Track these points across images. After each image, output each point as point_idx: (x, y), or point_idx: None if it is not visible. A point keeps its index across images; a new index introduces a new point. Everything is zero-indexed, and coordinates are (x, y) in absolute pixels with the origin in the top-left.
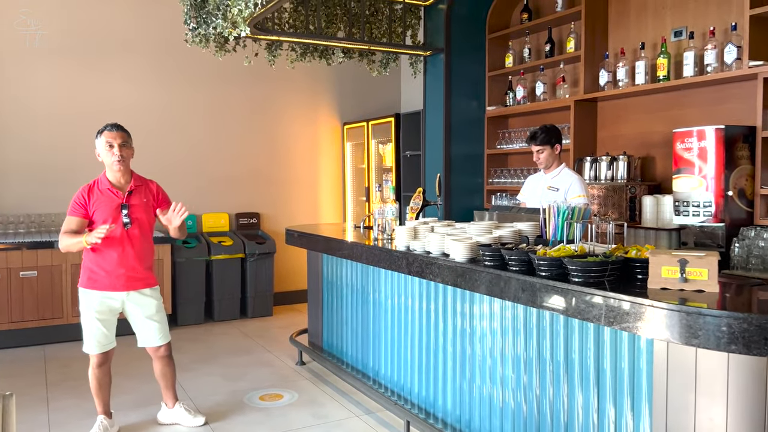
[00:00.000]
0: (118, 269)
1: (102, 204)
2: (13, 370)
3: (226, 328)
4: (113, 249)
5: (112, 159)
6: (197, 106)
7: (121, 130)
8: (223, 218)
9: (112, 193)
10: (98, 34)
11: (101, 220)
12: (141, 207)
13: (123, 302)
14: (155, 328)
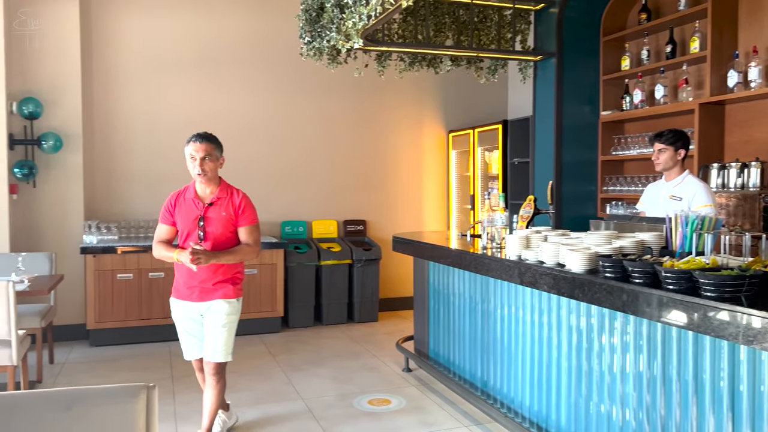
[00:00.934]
0: (191, 281)
1: (183, 214)
2: (143, 364)
3: (334, 332)
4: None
5: (193, 172)
6: (309, 117)
7: (207, 141)
8: (331, 225)
9: (193, 204)
10: (219, 49)
11: (181, 230)
12: (219, 221)
13: (200, 312)
14: (214, 342)
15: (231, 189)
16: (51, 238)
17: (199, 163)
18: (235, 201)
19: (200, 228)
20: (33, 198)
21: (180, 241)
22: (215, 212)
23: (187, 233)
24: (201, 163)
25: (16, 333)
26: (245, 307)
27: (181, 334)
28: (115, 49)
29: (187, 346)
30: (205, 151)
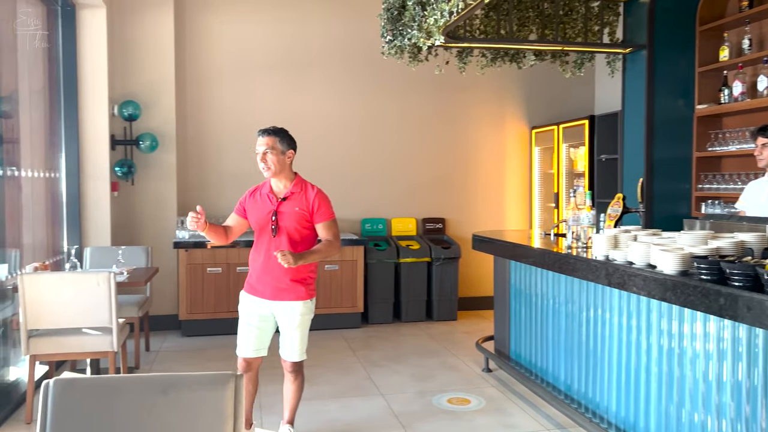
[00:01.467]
0: (264, 276)
1: (257, 208)
2: (230, 354)
3: (413, 330)
4: (261, 255)
5: (259, 166)
6: (389, 115)
7: (269, 135)
8: (410, 223)
9: (268, 199)
10: (303, 51)
11: (254, 224)
12: (292, 216)
13: (271, 309)
14: (289, 342)
15: (305, 184)
16: (148, 233)
17: (261, 157)
18: (309, 196)
19: (273, 222)
20: (132, 195)
21: (255, 235)
22: (288, 207)
23: (261, 227)
24: (263, 157)
25: (116, 321)
26: (327, 302)
27: (242, 329)
28: (206, 53)
29: (245, 341)
30: (267, 145)
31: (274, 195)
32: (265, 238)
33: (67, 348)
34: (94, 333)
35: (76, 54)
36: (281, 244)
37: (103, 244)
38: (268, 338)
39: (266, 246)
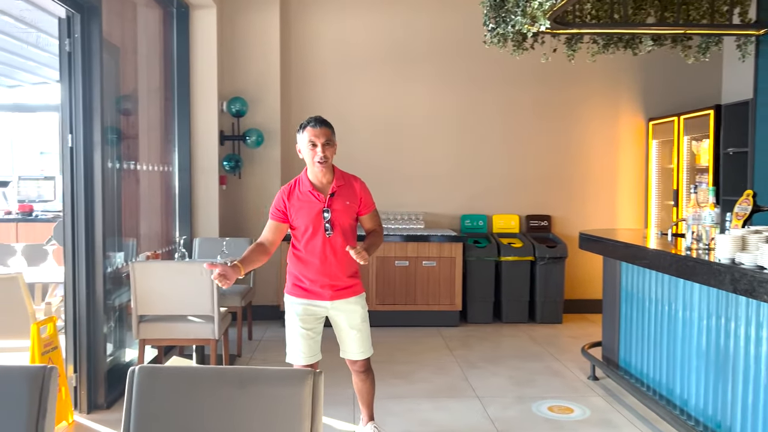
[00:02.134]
0: (322, 278)
1: (303, 209)
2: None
3: (514, 331)
4: (315, 257)
5: (314, 159)
6: (493, 107)
7: (326, 126)
8: (513, 219)
9: (313, 196)
10: (405, 45)
11: (303, 226)
12: (344, 212)
13: (327, 310)
14: (356, 340)
15: (346, 175)
16: (252, 225)
17: (321, 149)
18: (356, 188)
19: (326, 221)
20: (238, 188)
21: (304, 238)
22: (338, 203)
23: (313, 228)
24: (323, 149)
25: (218, 310)
26: (425, 299)
27: (297, 335)
28: (311, 49)
29: (304, 348)
30: (326, 137)
31: (319, 192)
32: (318, 238)
33: (173, 334)
34: (198, 320)
35: (189, 53)
36: (336, 242)
37: (211, 235)
38: (320, 342)
39: (321, 247)
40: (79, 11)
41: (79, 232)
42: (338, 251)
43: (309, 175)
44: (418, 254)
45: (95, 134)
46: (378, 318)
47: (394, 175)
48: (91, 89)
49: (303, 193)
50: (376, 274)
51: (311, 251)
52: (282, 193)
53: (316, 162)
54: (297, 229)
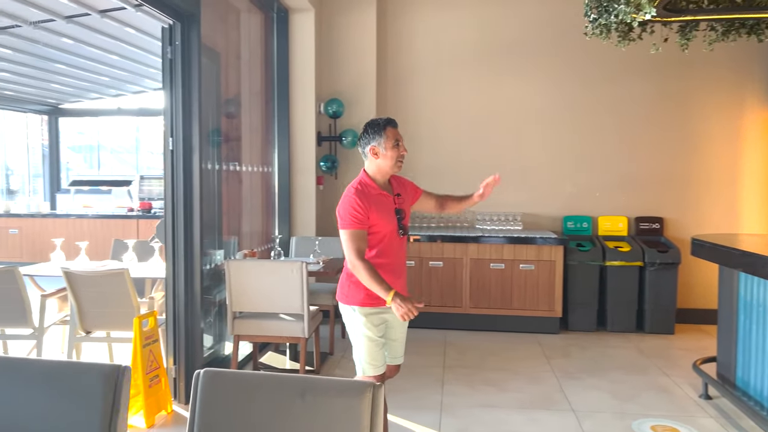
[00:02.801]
0: (397, 281)
1: (381, 211)
2: (419, 349)
3: (619, 341)
4: (390, 258)
5: (397, 157)
6: (598, 102)
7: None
8: (620, 222)
9: (384, 197)
10: (504, 40)
11: (381, 228)
12: (408, 210)
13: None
14: (403, 344)
15: (399, 177)
16: None
17: (402, 149)
18: (405, 183)
19: (400, 221)
20: (334, 188)
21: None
22: (403, 201)
23: (389, 230)
24: (403, 148)
25: (308, 308)
26: (522, 304)
27: (375, 345)
28: (407, 49)
29: (380, 357)
30: (401, 137)
31: (386, 192)
32: (393, 240)
33: (265, 331)
34: (289, 319)
35: (288, 56)
36: (403, 243)
37: (308, 234)
38: None
39: (395, 249)
40: (179, 20)
41: (178, 231)
42: (404, 251)
43: (376, 177)
44: (515, 257)
45: (194, 137)
46: (471, 322)
47: (490, 174)
48: (190, 94)
49: (374, 195)
50: (470, 276)
51: (387, 253)
52: (357, 199)
53: (398, 161)
54: (374, 233)
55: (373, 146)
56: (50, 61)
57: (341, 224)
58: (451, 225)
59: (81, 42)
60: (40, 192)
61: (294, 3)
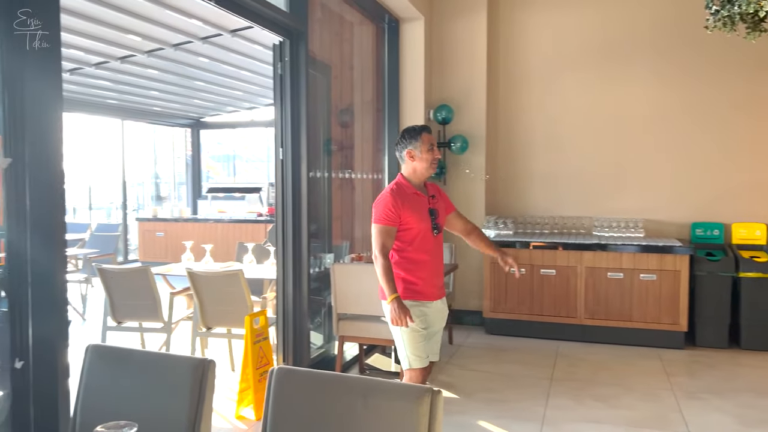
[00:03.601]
0: (432, 277)
1: (415, 210)
2: (528, 359)
3: (755, 360)
4: (427, 255)
5: (432, 160)
6: (728, 101)
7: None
8: (758, 229)
9: (419, 198)
10: (624, 40)
11: (415, 226)
12: (443, 211)
13: (431, 310)
14: (439, 341)
15: (433, 183)
16: None
17: (437, 151)
18: (442, 190)
19: (434, 220)
20: None
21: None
22: (438, 203)
23: (424, 228)
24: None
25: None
26: (642, 315)
27: (419, 336)
28: (519, 52)
29: (424, 350)
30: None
31: (422, 194)
32: (428, 239)
33: (368, 333)
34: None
35: (399, 65)
36: (440, 242)
37: None
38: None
39: (431, 246)
40: (288, 37)
41: (287, 235)
42: (440, 249)
43: (411, 178)
44: (634, 266)
45: (302, 147)
46: (585, 333)
47: (609, 180)
48: (299, 107)
49: (409, 195)
50: (586, 285)
51: (423, 251)
52: (393, 200)
53: (432, 164)
54: (408, 230)
55: (409, 150)
56: (191, 78)
57: (374, 218)
58: (566, 231)
59: (216, 60)
60: (184, 198)
61: (404, 13)
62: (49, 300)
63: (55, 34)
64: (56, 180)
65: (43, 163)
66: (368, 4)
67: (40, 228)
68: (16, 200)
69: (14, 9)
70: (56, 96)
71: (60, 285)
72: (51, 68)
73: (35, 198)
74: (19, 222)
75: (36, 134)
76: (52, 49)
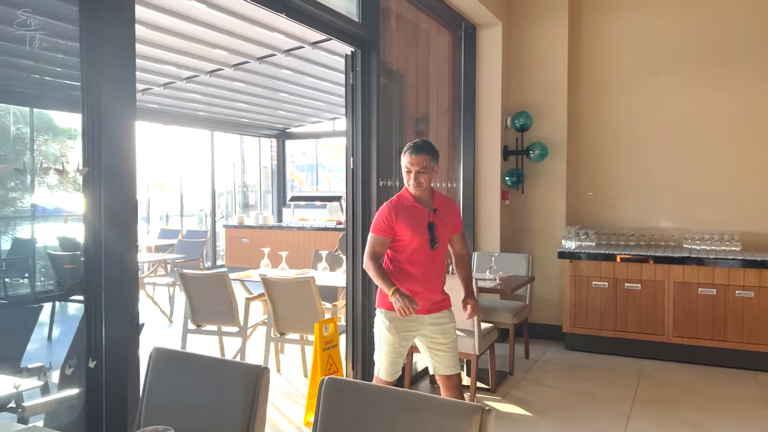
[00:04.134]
0: (425, 291)
1: (410, 221)
2: (609, 377)
3: None
4: (420, 268)
5: (407, 183)
6: None
7: (424, 153)
8: None
9: (418, 209)
10: (722, 43)
11: (409, 237)
12: (445, 226)
13: (423, 325)
14: (451, 352)
15: (441, 195)
16: (534, 241)
17: (414, 177)
18: (452, 207)
19: (432, 233)
20: (520, 203)
21: (409, 249)
22: (440, 218)
23: (419, 241)
24: (416, 176)
25: (478, 325)
26: (737, 335)
27: (395, 351)
28: (602, 55)
29: (395, 364)
30: (420, 165)
31: (423, 206)
32: (421, 252)
33: None
34: (461, 334)
35: (475, 71)
36: (437, 256)
37: (492, 250)
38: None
39: (425, 259)
40: (360, 47)
41: (357, 243)
42: (438, 263)
43: (409, 193)
44: (729, 282)
45: (372, 157)
46: (673, 352)
47: (700, 189)
48: (369, 117)
49: (408, 207)
50: (674, 301)
51: (415, 263)
52: (389, 211)
53: (410, 183)
54: (401, 240)
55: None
56: (275, 90)
57: (371, 227)
58: (653, 244)
59: (299, 72)
60: (270, 206)
61: (482, 19)
62: (121, 304)
63: (129, 50)
64: (129, 189)
65: (116, 171)
66: (444, 12)
67: (114, 235)
68: (91, 207)
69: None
70: (130, 108)
71: (131, 289)
72: (126, 83)
73: (109, 205)
74: (95, 229)
75: (111, 144)
76: (126, 67)
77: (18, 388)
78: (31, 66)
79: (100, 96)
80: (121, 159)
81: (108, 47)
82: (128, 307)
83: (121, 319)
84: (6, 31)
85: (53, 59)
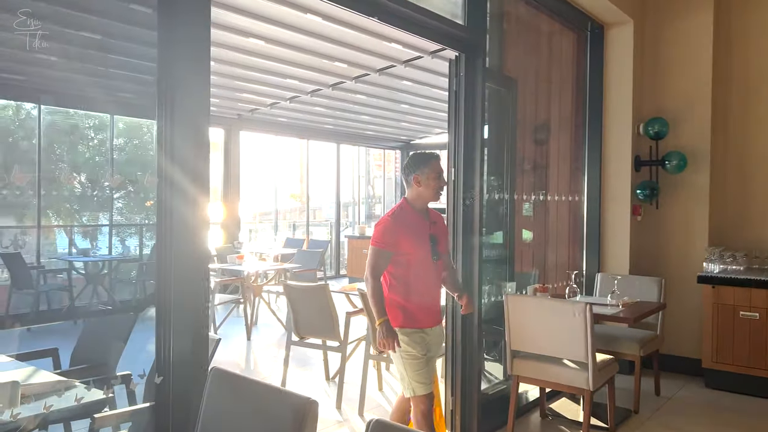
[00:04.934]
0: (430, 304)
1: (413, 235)
2: (756, 424)
3: None
4: (425, 281)
5: (438, 188)
6: None
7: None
8: None
9: (419, 223)
10: None
11: (412, 249)
12: (443, 238)
13: (430, 337)
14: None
15: (434, 210)
16: (669, 263)
17: (443, 180)
18: (443, 223)
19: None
20: (654, 220)
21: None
22: (438, 230)
23: (422, 254)
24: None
25: (593, 356)
26: None
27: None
28: (755, 54)
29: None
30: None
31: (423, 218)
32: (425, 264)
33: (545, 375)
34: (572, 366)
35: (603, 75)
36: (439, 268)
37: (621, 272)
38: None
39: (429, 272)
40: (464, 51)
41: (457, 260)
42: (439, 276)
43: (414, 203)
44: None
45: (476, 166)
46: (712, 379)
47: None
48: (473, 125)
49: (409, 220)
50: (712, 324)
51: (419, 277)
52: (391, 223)
53: (437, 191)
54: (405, 254)
55: (416, 175)
56: (396, 102)
57: (372, 240)
58: None
59: (419, 82)
60: None
61: (610, 17)
62: (189, 318)
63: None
64: (200, 199)
65: (187, 181)
66: (567, 12)
67: (183, 253)
68: (168, 227)
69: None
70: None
71: (200, 303)
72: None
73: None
74: (166, 247)
75: (182, 154)
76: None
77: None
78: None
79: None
80: (191, 169)
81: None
82: (197, 322)
83: (187, 338)
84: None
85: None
